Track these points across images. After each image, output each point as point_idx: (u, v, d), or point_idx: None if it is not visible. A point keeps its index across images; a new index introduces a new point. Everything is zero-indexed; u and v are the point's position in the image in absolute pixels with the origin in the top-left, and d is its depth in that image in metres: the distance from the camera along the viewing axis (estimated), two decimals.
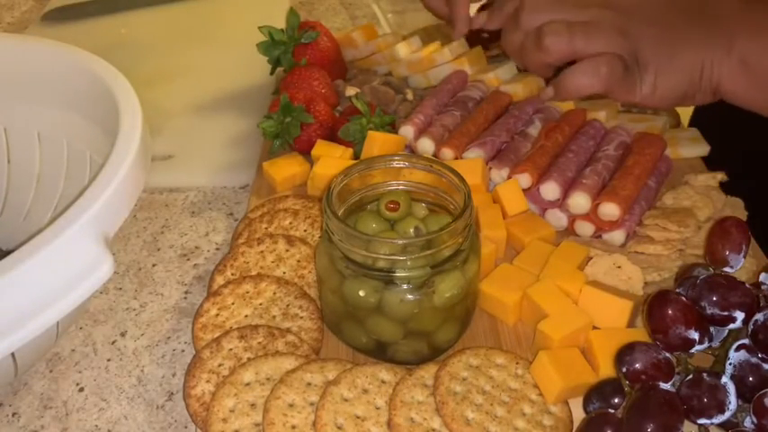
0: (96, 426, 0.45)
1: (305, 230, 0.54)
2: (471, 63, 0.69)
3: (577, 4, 0.55)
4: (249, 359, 0.44)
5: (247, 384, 0.43)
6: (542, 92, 0.61)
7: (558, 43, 0.54)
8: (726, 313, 0.40)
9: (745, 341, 0.40)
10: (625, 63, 0.53)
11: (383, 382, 0.43)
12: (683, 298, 0.41)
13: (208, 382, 0.43)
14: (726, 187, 0.57)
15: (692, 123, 0.75)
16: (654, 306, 0.41)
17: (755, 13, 0.53)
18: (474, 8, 0.69)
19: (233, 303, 0.48)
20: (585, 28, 0.54)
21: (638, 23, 0.54)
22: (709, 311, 0.41)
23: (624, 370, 0.40)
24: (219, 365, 0.44)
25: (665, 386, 0.39)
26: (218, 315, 0.48)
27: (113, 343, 0.50)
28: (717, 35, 0.52)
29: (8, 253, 0.36)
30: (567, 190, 0.54)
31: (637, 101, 0.55)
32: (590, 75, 0.53)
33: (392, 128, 0.62)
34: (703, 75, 0.52)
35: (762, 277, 0.42)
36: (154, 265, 0.57)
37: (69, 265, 0.36)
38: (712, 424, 0.38)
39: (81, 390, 0.47)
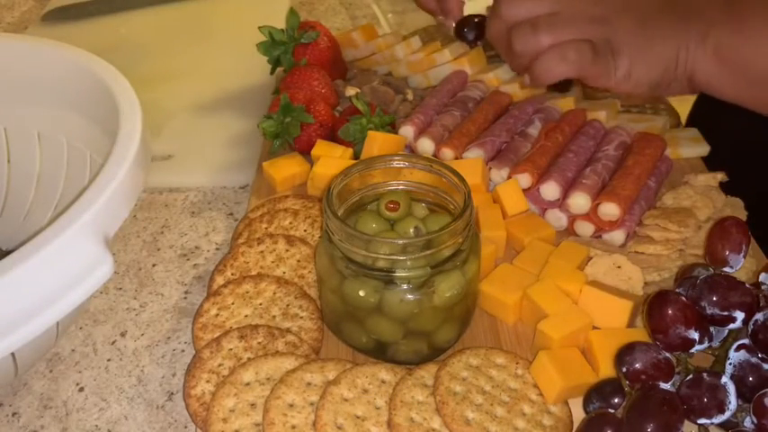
0: (96, 426, 0.45)
1: (305, 230, 0.54)
2: (471, 63, 0.69)
3: None
4: (249, 359, 0.44)
5: (247, 384, 0.43)
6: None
7: (526, 45, 0.54)
8: (726, 313, 0.40)
9: (745, 341, 0.40)
10: (594, 48, 0.53)
11: (383, 382, 0.43)
12: (683, 298, 0.41)
13: (208, 382, 0.43)
14: (726, 187, 0.57)
15: (692, 123, 0.75)
16: (654, 306, 0.41)
17: (733, 4, 0.53)
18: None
19: (233, 303, 0.48)
20: (550, 20, 0.54)
21: (615, 8, 0.54)
22: (709, 311, 0.41)
23: (624, 370, 0.40)
24: (219, 365, 0.44)
25: (665, 386, 0.39)
26: (218, 315, 0.48)
27: (113, 343, 0.50)
28: (693, 22, 0.52)
29: (8, 253, 0.36)
30: (567, 190, 0.54)
31: (611, 85, 0.55)
32: (557, 60, 0.54)
33: (392, 128, 0.62)
34: (678, 63, 0.53)
35: (762, 277, 0.42)
36: (154, 265, 0.57)
37: (69, 265, 0.36)
38: (712, 424, 0.39)
39: (81, 390, 0.47)
